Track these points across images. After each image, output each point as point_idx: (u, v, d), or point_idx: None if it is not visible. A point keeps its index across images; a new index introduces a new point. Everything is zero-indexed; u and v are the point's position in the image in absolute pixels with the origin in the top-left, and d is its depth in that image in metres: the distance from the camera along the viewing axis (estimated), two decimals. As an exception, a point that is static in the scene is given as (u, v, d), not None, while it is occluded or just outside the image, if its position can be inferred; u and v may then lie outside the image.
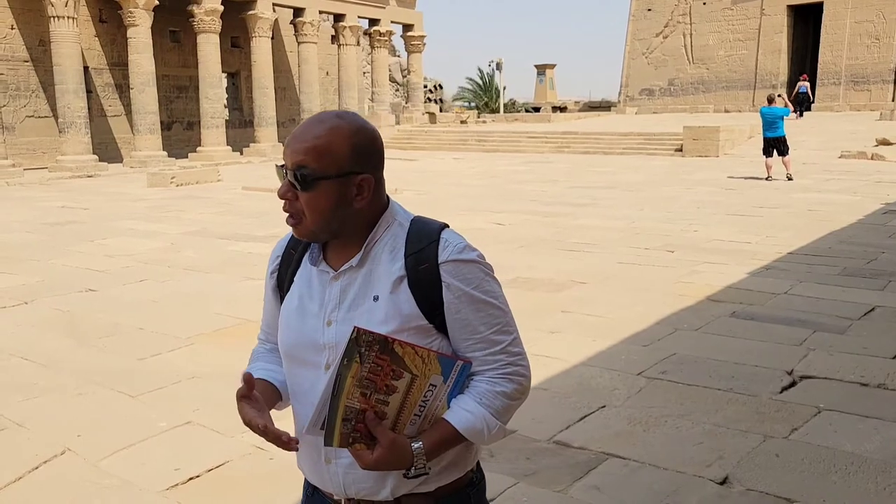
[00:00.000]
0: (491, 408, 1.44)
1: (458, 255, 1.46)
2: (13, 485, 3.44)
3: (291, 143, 1.43)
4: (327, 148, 1.40)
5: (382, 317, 1.44)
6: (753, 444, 3.67)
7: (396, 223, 1.50)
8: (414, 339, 1.40)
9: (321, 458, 1.51)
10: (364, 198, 1.45)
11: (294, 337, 1.53)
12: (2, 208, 13.75)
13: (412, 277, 1.44)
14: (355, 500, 1.51)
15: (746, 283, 7.00)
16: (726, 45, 38.14)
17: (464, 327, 1.45)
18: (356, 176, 1.43)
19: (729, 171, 18.13)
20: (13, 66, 21.91)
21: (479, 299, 1.45)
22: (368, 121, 1.49)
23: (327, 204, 1.42)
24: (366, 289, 1.47)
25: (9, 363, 5.14)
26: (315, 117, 1.46)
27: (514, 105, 51.34)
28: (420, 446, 1.39)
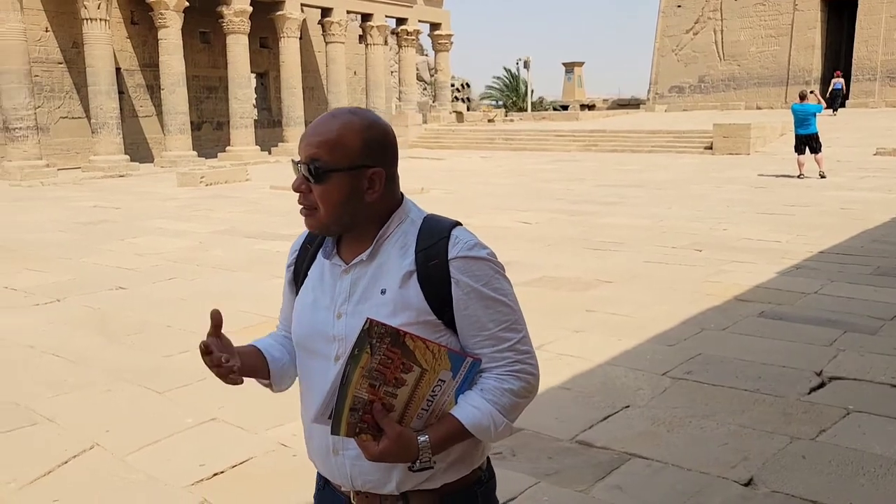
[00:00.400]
0: (498, 405, 1.44)
1: (467, 251, 1.46)
2: (43, 478, 3.51)
3: (305, 137, 1.48)
4: (339, 141, 1.43)
5: (391, 310, 1.46)
6: (780, 445, 3.62)
7: (409, 220, 1.53)
8: (421, 334, 1.40)
9: (330, 449, 1.53)
10: (375, 191, 1.48)
11: (306, 328, 1.57)
12: (36, 208, 14.02)
13: (422, 273, 1.46)
14: (363, 493, 1.52)
15: (776, 283, 6.90)
16: (758, 41, 37.60)
17: (472, 324, 1.46)
18: (367, 169, 1.46)
19: (760, 168, 17.88)
20: (48, 68, 22.33)
21: (488, 296, 1.46)
22: (389, 119, 1.51)
23: (339, 196, 1.45)
24: (375, 282, 1.49)
25: (41, 360, 5.24)
26: (328, 113, 1.50)
27: (541, 103, 51.13)
28: (426, 440, 1.40)
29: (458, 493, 1.53)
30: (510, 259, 8.13)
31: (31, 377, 4.87)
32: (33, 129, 19.52)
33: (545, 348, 5.14)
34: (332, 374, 1.47)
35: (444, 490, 1.51)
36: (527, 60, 47.76)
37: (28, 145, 19.36)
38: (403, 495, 1.51)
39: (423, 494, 1.51)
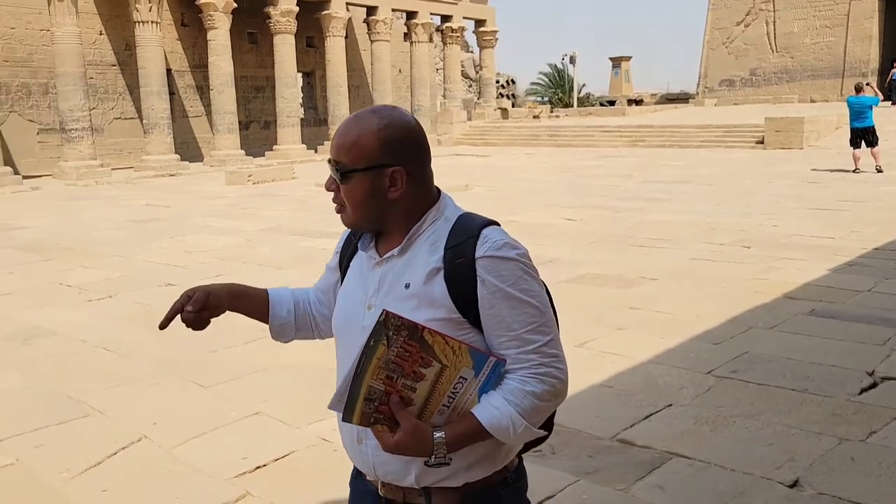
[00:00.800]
0: (518, 406, 1.43)
1: (495, 251, 1.46)
2: (93, 469, 3.61)
3: (333, 138, 1.54)
4: (357, 143, 1.48)
5: (415, 304, 1.47)
6: (827, 446, 3.53)
7: (443, 218, 1.54)
8: (445, 331, 1.41)
9: (355, 438, 1.56)
10: (398, 189, 1.50)
11: (341, 318, 1.62)
12: (91, 207, 14.43)
13: (448, 270, 1.47)
14: (388, 484, 1.54)
15: (827, 280, 6.73)
16: (812, 32, 36.61)
17: (497, 324, 1.45)
18: (387, 168, 1.48)
19: (813, 163, 17.44)
20: (102, 70, 22.94)
21: (514, 296, 1.45)
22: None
23: (361, 195, 1.50)
24: (401, 276, 1.52)
25: (93, 354, 5.39)
26: (354, 114, 1.55)
27: (588, 99, 50.64)
28: (442, 436, 1.41)
29: (481, 492, 1.53)
30: (553, 256, 8.09)
31: (83, 371, 5.02)
32: (88, 130, 20.07)
33: (587, 346, 5.10)
34: None
35: (465, 489, 1.51)
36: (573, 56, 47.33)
37: (83, 146, 19.91)
38: (426, 490, 1.51)
39: (445, 491, 1.51)
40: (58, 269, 8.44)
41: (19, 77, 21.24)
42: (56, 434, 4.01)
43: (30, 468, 3.63)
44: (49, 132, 21.55)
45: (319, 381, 4.28)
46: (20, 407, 4.40)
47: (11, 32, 21.03)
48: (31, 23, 21.33)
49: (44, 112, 21.70)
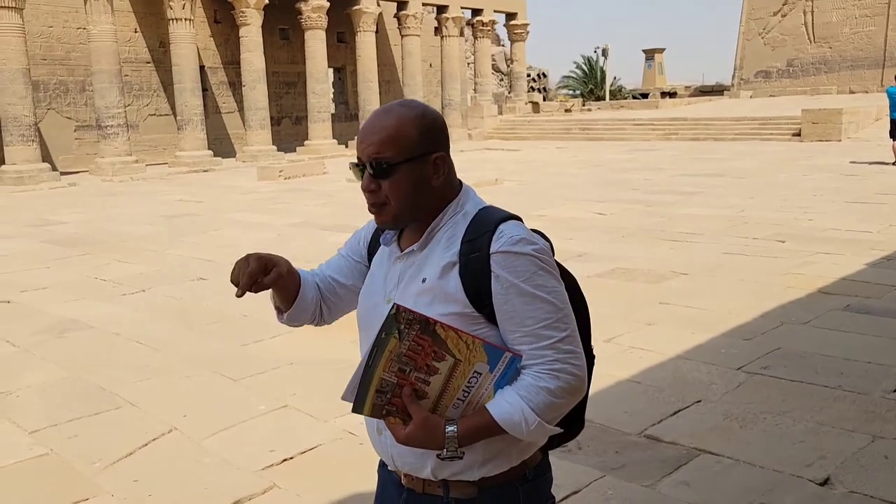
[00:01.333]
0: (531, 402, 1.41)
1: (510, 246, 1.44)
2: (125, 459, 3.68)
3: (363, 137, 1.50)
4: (398, 134, 1.47)
5: (429, 299, 1.48)
6: (860, 444, 3.45)
7: (462, 212, 1.54)
8: (458, 326, 1.41)
9: (376, 429, 1.59)
10: (441, 175, 1.52)
11: (364, 310, 1.63)
12: (126, 202, 14.67)
13: (463, 265, 1.47)
14: (409, 476, 1.56)
15: (864, 275, 6.58)
16: (851, 22, 35.82)
17: (510, 319, 1.44)
18: (430, 155, 1.49)
19: (851, 155, 17.08)
20: (137, 68, 23.29)
21: (528, 292, 1.43)
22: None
23: (409, 187, 1.49)
24: (419, 271, 1.52)
25: (126, 346, 5.49)
26: (381, 109, 1.54)
27: (620, 92, 50.16)
28: (454, 430, 1.41)
29: (498, 487, 1.52)
30: (583, 251, 8.03)
31: (116, 363, 5.11)
32: (123, 126, 20.40)
33: (616, 341, 5.06)
34: None
35: (482, 483, 1.51)
36: (605, 48, 46.94)
37: (119, 142, 20.24)
38: (445, 483, 1.52)
39: (462, 484, 1.52)
40: (93, 264, 8.59)
41: (57, 75, 21.66)
42: (89, 425, 4.09)
43: (63, 458, 3.71)
44: (86, 129, 21.95)
45: (346, 376, 4.23)
46: (55, 398, 4.49)
47: (49, 31, 21.44)
48: (68, 21, 21.73)
49: (81, 109, 22.11)
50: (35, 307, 6.68)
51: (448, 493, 1.53)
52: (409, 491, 1.57)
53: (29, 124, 18.31)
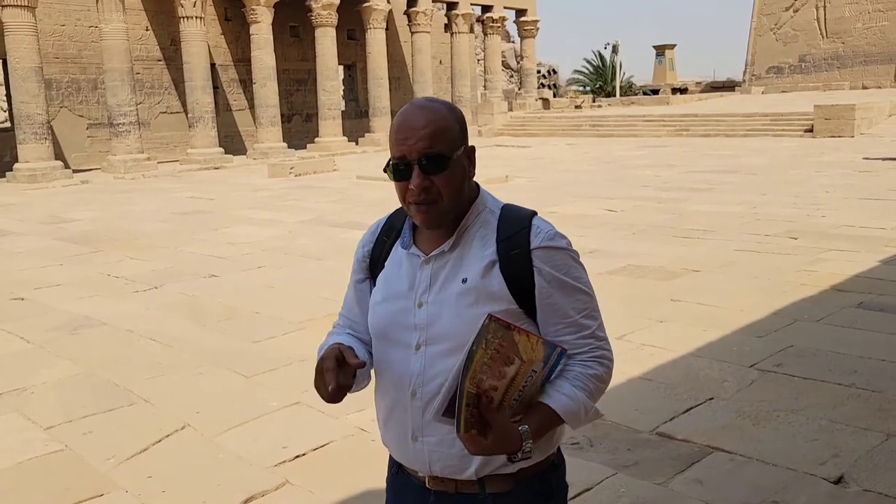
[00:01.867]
0: (586, 390, 1.48)
1: (549, 241, 1.50)
2: (139, 455, 3.70)
3: (408, 134, 1.46)
4: (446, 127, 1.49)
5: (473, 299, 1.48)
6: (874, 442, 3.44)
7: (487, 210, 1.56)
8: None
9: (408, 436, 1.56)
10: (474, 167, 1.55)
11: (386, 318, 1.58)
12: (138, 199, 14.74)
13: (504, 262, 1.49)
14: (440, 478, 1.55)
15: (877, 272, 6.54)
16: (864, 17, 35.54)
17: (555, 312, 1.50)
18: (466, 147, 1.54)
19: (865, 151, 16.96)
20: (148, 66, 23.38)
21: (569, 285, 1.50)
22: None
23: (460, 178, 1.51)
24: (456, 272, 1.52)
25: (138, 343, 5.52)
26: (415, 107, 1.50)
27: (631, 88, 49.96)
28: (526, 429, 1.41)
29: (533, 477, 1.55)
30: (594, 247, 8.01)
31: (129, 360, 5.14)
32: (135, 124, 20.48)
33: (627, 338, 5.05)
34: (412, 362, 1.52)
35: (519, 475, 1.53)
36: (615, 44, 46.79)
37: (130, 140, 20.32)
38: (480, 480, 1.53)
39: (500, 479, 1.53)
40: (106, 261, 8.65)
41: (69, 73, 21.77)
42: (103, 421, 4.12)
43: (78, 454, 3.74)
44: (98, 127, 22.06)
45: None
46: (70, 395, 4.53)
47: (61, 30, 21.55)
48: (80, 20, 21.83)
49: (93, 107, 22.22)
50: (49, 304, 6.73)
51: (484, 489, 1.53)
52: (439, 494, 1.56)
53: (42, 122, 18.41)
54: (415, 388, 1.52)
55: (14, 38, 17.84)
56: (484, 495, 1.53)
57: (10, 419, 4.20)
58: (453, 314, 1.48)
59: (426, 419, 1.47)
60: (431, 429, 1.51)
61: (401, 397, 1.55)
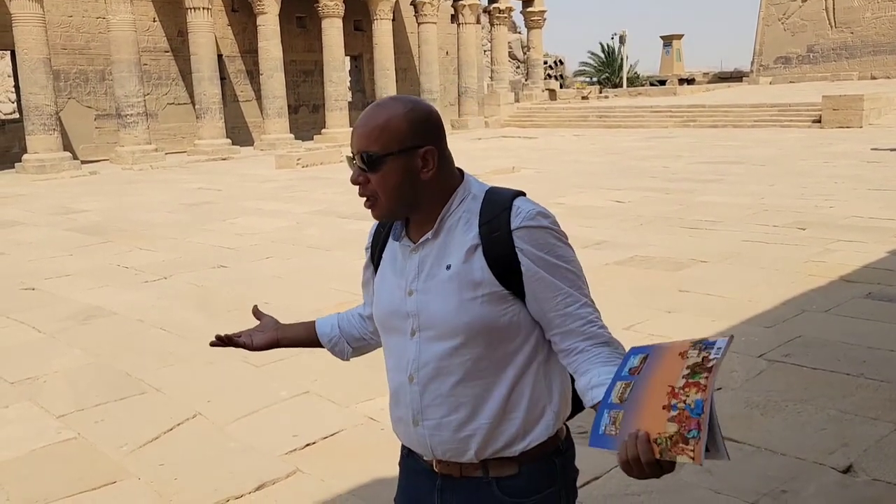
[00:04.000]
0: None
1: (529, 221, 1.48)
2: (151, 443, 3.74)
3: (355, 131, 1.52)
4: (385, 128, 1.48)
5: (455, 286, 1.49)
6: (883, 432, 3.44)
7: (471, 196, 1.56)
8: (490, 308, 1.47)
9: (411, 420, 1.59)
10: (430, 169, 1.51)
11: (384, 307, 1.63)
12: (146, 190, 14.79)
13: (486, 245, 1.49)
14: (444, 462, 1.57)
15: (886, 263, 6.53)
16: (873, 6, 35.28)
17: (545, 287, 1.48)
18: (418, 149, 1.49)
19: (873, 142, 16.88)
20: (155, 57, 23.40)
21: (552, 263, 1.49)
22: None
23: (396, 180, 1.49)
24: (440, 259, 1.53)
25: (149, 333, 5.56)
26: (373, 105, 1.55)
27: (637, 79, 49.76)
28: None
29: (537, 461, 1.56)
30: (601, 238, 8.02)
31: (140, 349, 5.18)
32: (143, 115, 20.52)
33: (635, 328, 5.06)
34: (409, 349, 1.55)
35: (522, 458, 1.54)
36: (622, 35, 46.55)
37: (138, 131, 20.38)
38: (484, 464, 1.54)
39: (503, 461, 1.54)
40: (115, 251, 8.69)
41: (77, 64, 21.81)
42: (115, 410, 4.16)
43: (91, 442, 3.78)
44: (106, 118, 22.11)
45: (367, 362, 4.28)
46: (81, 384, 4.57)
47: (69, 21, 21.58)
48: (88, 11, 21.85)
49: (101, 98, 22.26)
50: (59, 294, 6.77)
51: (488, 473, 1.55)
52: (445, 477, 1.58)
53: (50, 113, 18.47)
54: (412, 373, 1.55)
55: (22, 29, 17.88)
56: (488, 479, 1.54)
57: (24, 408, 4.24)
58: (440, 301, 1.50)
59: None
60: (430, 412, 1.54)
61: (402, 383, 1.59)
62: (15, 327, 5.83)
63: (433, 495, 1.61)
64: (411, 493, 1.68)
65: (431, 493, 1.61)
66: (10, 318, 6.05)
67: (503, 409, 1.52)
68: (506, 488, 1.54)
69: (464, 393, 1.52)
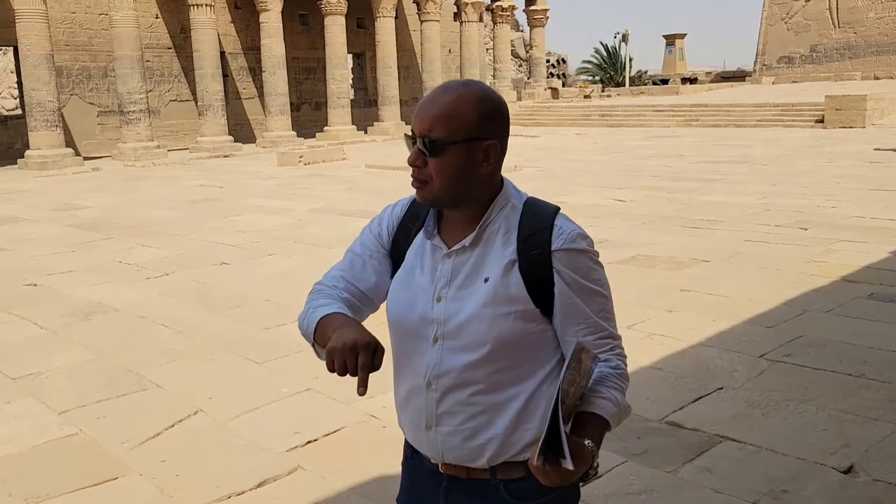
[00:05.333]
0: (621, 390, 1.50)
1: (570, 244, 1.47)
2: (153, 440, 3.74)
3: (420, 112, 1.46)
4: (454, 114, 1.43)
5: (491, 298, 1.47)
6: (884, 432, 3.44)
7: (510, 205, 1.52)
8: (520, 325, 1.46)
9: (423, 424, 1.56)
10: (490, 163, 1.48)
11: (404, 309, 1.56)
12: (148, 187, 14.80)
13: (523, 262, 1.47)
14: (451, 465, 1.56)
15: (888, 263, 6.53)
16: (877, 7, 35.23)
17: (576, 313, 1.49)
18: (483, 141, 1.46)
19: (876, 142, 16.86)
20: (158, 54, 23.40)
21: (589, 288, 1.49)
22: (494, 91, 1.54)
23: (455, 169, 1.45)
24: (478, 269, 1.50)
25: (151, 329, 5.56)
26: (442, 86, 1.49)
27: (640, 78, 49.71)
28: (593, 445, 1.38)
29: None
30: (603, 237, 8.01)
31: (141, 345, 5.19)
32: (145, 112, 20.53)
33: (637, 328, 5.06)
34: (429, 355, 1.51)
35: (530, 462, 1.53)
36: (625, 34, 46.53)
37: (140, 127, 20.38)
38: (492, 467, 1.54)
39: (511, 465, 1.53)
40: (117, 248, 8.70)
41: (80, 61, 21.82)
42: (117, 406, 4.16)
43: (92, 438, 3.78)
44: (108, 114, 22.12)
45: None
46: (83, 380, 4.57)
47: (72, 17, 21.58)
48: (91, 7, 21.86)
49: (103, 95, 22.27)
50: (61, 290, 6.78)
51: (496, 475, 1.54)
52: (451, 478, 1.57)
53: (53, 110, 18.48)
54: (430, 378, 1.53)
55: (25, 25, 17.88)
56: (495, 481, 1.54)
57: (25, 403, 4.25)
58: (472, 313, 1.47)
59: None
60: (445, 420, 1.52)
61: (417, 386, 1.55)
62: (17, 323, 5.84)
63: (438, 496, 1.60)
64: (415, 493, 1.67)
65: (436, 493, 1.60)
66: (13, 314, 6.06)
67: (519, 419, 1.51)
68: (513, 491, 1.54)
69: (482, 402, 1.51)
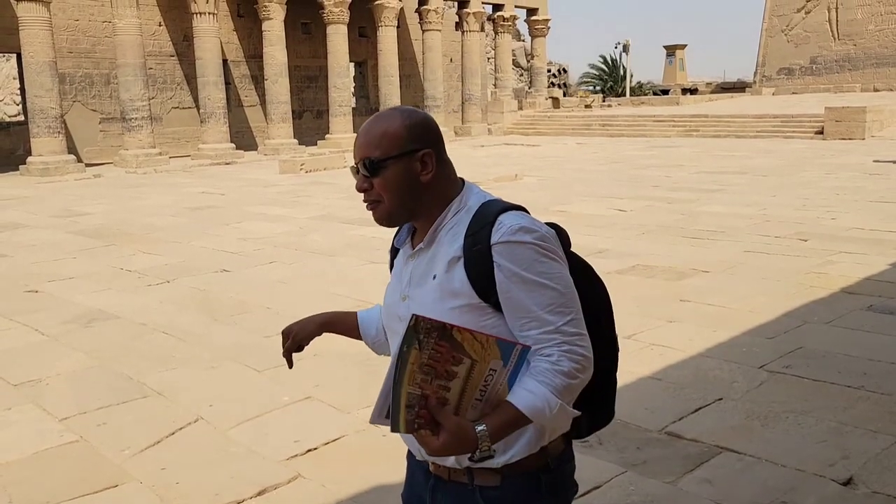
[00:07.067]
0: (551, 385, 1.44)
1: (509, 236, 1.49)
2: (152, 447, 3.75)
3: (357, 143, 1.61)
4: (385, 134, 1.55)
5: (437, 295, 1.54)
6: (884, 444, 3.45)
7: (465, 208, 1.59)
8: (469, 318, 1.47)
9: None
10: (429, 171, 1.57)
11: (387, 310, 1.73)
12: (150, 194, 14.82)
13: (467, 258, 1.52)
14: (437, 464, 1.62)
15: (888, 275, 6.54)
16: (877, 19, 35.37)
17: (516, 307, 1.49)
18: (417, 152, 1.56)
19: (875, 154, 16.90)
20: (160, 61, 23.49)
21: (530, 280, 1.47)
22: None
23: (399, 182, 1.56)
24: (430, 269, 1.58)
25: (151, 336, 5.57)
26: (373, 117, 1.63)
27: (641, 88, 49.85)
28: (484, 429, 1.41)
29: (521, 475, 1.56)
30: (603, 247, 8.03)
31: (142, 353, 5.19)
32: (147, 119, 20.60)
33: (636, 338, 5.07)
34: None
35: (505, 471, 1.56)
36: (626, 44, 46.68)
37: (143, 134, 20.45)
38: (469, 471, 1.57)
39: (486, 472, 1.57)
40: (119, 255, 8.71)
41: (83, 68, 21.90)
42: (117, 413, 4.17)
43: (92, 445, 3.78)
44: (110, 121, 22.19)
45: (369, 368, 4.34)
46: (84, 387, 4.58)
47: (75, 24, 21.67)
48: (94, 15, 21.95)
49: (105, 102, 22.35)
50: (62, 297, 6.79)
51: (473, 480, 1.58)
52: (437, 478, 1.63)
53: (55, 116, 18.54)
54: None
55: (29, 32, 17.96)
56: (472, 486, 1.57)
57: (26, 410, 4.25)
58: (426, 310, 1.50)
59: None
60: None
61: None
62: (18, 329, 5.85)
63: (427, 493, 1.67)
64: (413, 488, 1.75)
65: (426, 490, 1.67)
66: (14, 321, 6.07)
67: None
68: (488, 498, 1.57)
69: None
